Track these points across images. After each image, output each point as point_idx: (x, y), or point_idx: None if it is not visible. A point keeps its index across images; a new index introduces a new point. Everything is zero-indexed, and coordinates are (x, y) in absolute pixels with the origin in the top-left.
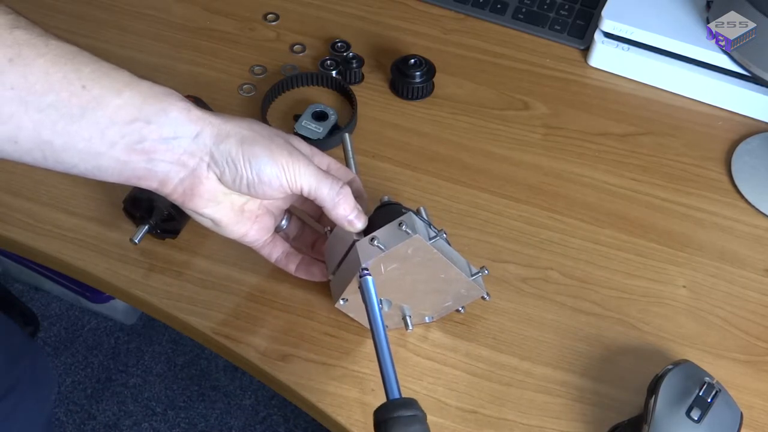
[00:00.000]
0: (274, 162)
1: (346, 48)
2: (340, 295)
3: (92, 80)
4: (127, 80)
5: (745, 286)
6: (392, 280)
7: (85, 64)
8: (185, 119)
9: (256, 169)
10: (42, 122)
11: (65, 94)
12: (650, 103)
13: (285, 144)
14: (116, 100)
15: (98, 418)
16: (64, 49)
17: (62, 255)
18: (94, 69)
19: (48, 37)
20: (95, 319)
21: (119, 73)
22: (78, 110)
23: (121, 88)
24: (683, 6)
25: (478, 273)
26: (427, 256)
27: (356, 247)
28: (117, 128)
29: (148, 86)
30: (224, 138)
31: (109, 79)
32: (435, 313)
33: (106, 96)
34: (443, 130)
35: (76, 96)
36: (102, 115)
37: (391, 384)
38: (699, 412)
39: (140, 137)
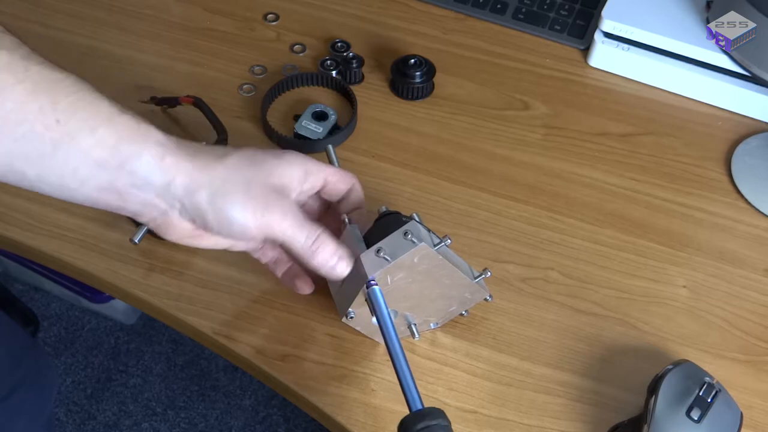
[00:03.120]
0: (244, 218)
1: (346, 48)
2: (347, 309)
3: (68, 113)
4: (104, 116)
5: (745, 286)
6: (398, 290)
7: (64, 94)
8: (157, 167)
9: (225, 225)
10: (14, 153)
11: (39, 126)
12: (650, 103)
13: (263, 194)
14: (89, 139)
15: (98, 418)
16: (44, 77)
17: (62, 255)
18: (73, 101)
19: (29, 62)
20: (95, 319)
21: (98, 106)
22: (50, 145)
23: (96, 126)
24: (683, 6)
25: (481, 275)
26: (433, 264)
27: (361, 259)
28: (88, 169)
29: (126, 124)
30: (195, 190)
31: (86, 113)
32: (440, 319)
33: (80, 133)
34: (443, 130)
35: (50, 130)
36: (74, 152)
37: (412, 394)
38: (699, 412)
39: (110, 180)
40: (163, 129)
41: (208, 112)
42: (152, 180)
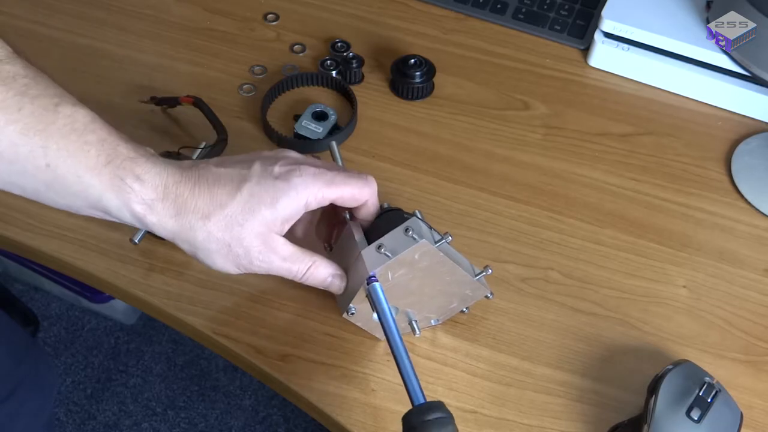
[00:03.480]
0: (226, 269)
1: (346, 48)
2: (348, 305)
3: (57, 158)
4: (92, 164)
5: (745, 286)
6: (399, 286)
7: (54, 138)
8: (139, 222)
9: (209, 266)
10: (12, 184)
11: (31, 167)
12: (650, 103)
13: (246, 249)
14: (77, 186)
15: (98, 418)
16: (36, 117)
17: (62, 255)
18: (62, 146)
19: (23, 98)
20: (95, 319)
21: (87, 153)
22: (44, 185)
23: (82, 173)
24: (683, 6)
25: (482, 273)
26: (434, 260)
27: (362, 255)
28: (80, 204)
29: (110, 177)
30: (178, 241)
31: (74, 161)
32: (441, 316)
33: (69, 178)
34: (443, 130)
35: (42, 172)
36: (65, 193)
37: (415, 389)
38: (699, 412)
39: (102, 215)
40: (162, 129)
41: (208, 112)
42: (139, 226)
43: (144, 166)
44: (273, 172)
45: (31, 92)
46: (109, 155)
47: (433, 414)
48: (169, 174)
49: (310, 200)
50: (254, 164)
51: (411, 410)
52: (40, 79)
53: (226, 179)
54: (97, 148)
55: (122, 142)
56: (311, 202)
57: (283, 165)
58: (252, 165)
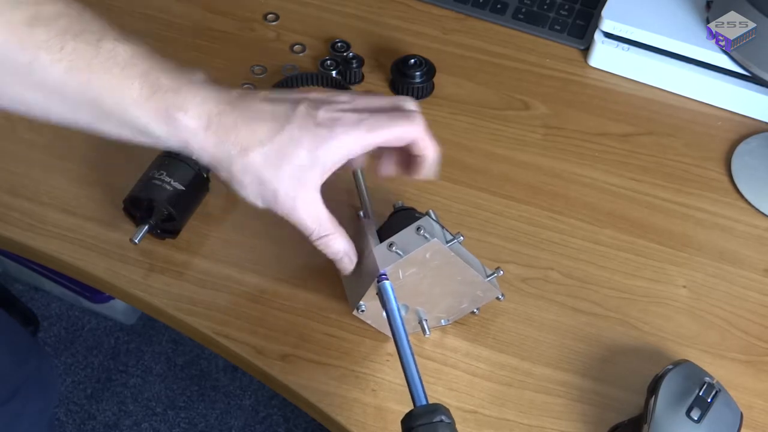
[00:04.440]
0: (255, 201)
1: (346, 48)
2: (357, 302)
3: (102, 93)
4: (135, 96)
5: (745, 286)
6: (410, 285)
7: (98, 73)
8: (183, 148)
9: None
10: (68, 120)
11: (80, 102)
12: (650, 103)
13: (274, 189)
14: (124, 117)
15: (98, 418)
16: (80, 54)
17: (62, 255)
18: (105, 81)
19: (65, 36)
20: (95, 319)
21: (129, 85)
22: (95, 118)
23: (127, 106)
24: (683, 6)
25: (493, 274)
26: (445, 260)
27: (374, 252)
28: (130, 133)
29: (156, 105)
30: (215, 168)
31: (119, 94)
32: (451, 316)
33: (114, 111)
34: (443, 130)
35: (90, 106)
36: (115, 124)
37: (417, 390)
38: (699, 412)
39: (153, 142)
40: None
41: None
42: (184, 152)
43: (187, 96)
44: (316, 118)
45: (73, 29)
46: (152, 87)
47: (433, 417)
48: (213, 104)
49: (352, 149)
50: (300, 106)
51: (412, 411)
52: (81, 15)
53: (268, 116)
54: (140, 81)
55: (165, 74)
56: (353, 151)
57: (327, 110)
58: (297, 106)
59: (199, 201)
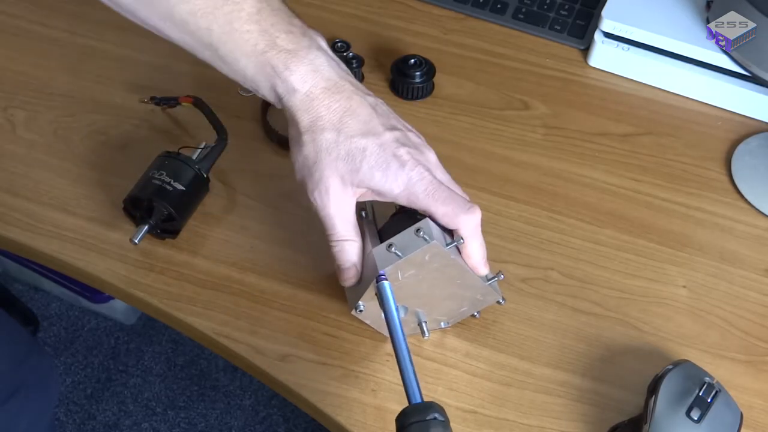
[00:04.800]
0: (297, 175)
1: (346, 48)
2: (356, 302)
3: (219, 41)
4: (249, 50)
5: (745, 286)
6: (409, 287)
7: (219, 22)
8: (277, 102)
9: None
10: (189, 49)
11: (198, 43)
12: (650, 103)
13: (324, 178)
14: (235, 65)
15: (98, 418)
16: (206, 1)
17: (62, 255)
18: (225, 31)
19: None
20: (95, 319)
21: (246, 40)
22: (210, 58)
23: (239, 57)
24: (683, 6)
25: (494, 278)
26: (444, 262)
27: (373, 253)
28: (239, 78)
29: (267, 62)
30: (290, 124)
31: (234, 45)
32: (450, 319)
33: (227, 58)
34: (443, 130)
35: (207, 48)
36: (227, 69)
37: (413, 388)
38: (699, 412)
39: (255, 90)
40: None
41: (208, 112)
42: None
43: (300, 61)
44: (398, 151)
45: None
46: (268, 44)
47: (426, 414)
48: (323, 77)
49: (402, 195)
50: (392, 132)
51: (405, 409)
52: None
53: (363, 119)
54: (257, 38)
55: (284, 34)
56: (401, 197)
57: (411, 153)
58: (392, 131)
59: (199, 201)
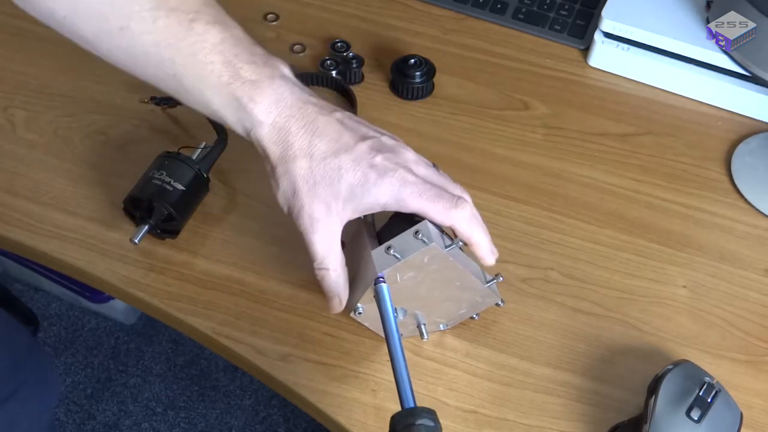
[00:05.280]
0: (280, 205)
1: (346, 48)
2: (355, 305)
3: (183, 72)
4: (214, 82)
5: (745, 286)
6: (407, 289)
7: (182, 54)
8: (245, 135)
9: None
10: (153, 81)
11: (162, 74)
12: (650, 103)
13: (302, 208)
14: (199, 98)
15: (98, 418)
16: (170, 31)
17: (62, 255)
18: (188, 63)
19: (159, 11)
20: (95, 319)
21: (210, 71)
22: (173, 90)
23: (204, 89)
24: (683, 6)
25: (493, 280)
26: (443, 265)
27: (372, 255)
28: (203, 111)
29: (231, 94)
30: (264, 159)
31: (197, 76)
32: (450, 321)
33: (191, 91)
34: (443, 130)
35: (170, 79)
36: (191, 100)
37: (406, 392)
38: (699, 412)
39: (221, 122)
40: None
41: None
42: (246, 137)
43: (264, 91)
44: (374, 160)
45: (169, 5)
46: (231, 76)
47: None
48: (287, 105)
49: (389, 203)
50: (365, 142)
51: (398, 413)
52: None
53: (332, 137)
54: (220, 69)
55: (247, 65)
56: (390, 205)
57: (387, 158)
58: (363, 141)
59: (199, 201)
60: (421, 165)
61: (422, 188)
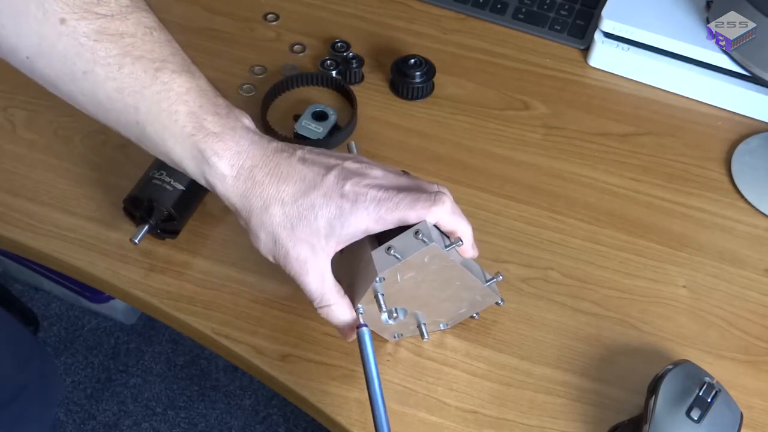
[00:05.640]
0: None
1: (346, 48)
2: (356, 305)
3: (146, 120)
4: (177, 132)
5: (745, 286)
6: (408, 289)
7: (146, 102)
8: (209, 188)
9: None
10: (114, 126)
11: (124, 120)
12: (650, 103)
13: (286, 253)
14: (161, 146)
15: (98, 418)
16: (134, 79)
17: (62, 255)
18: (152, 111)
19: (125, 58)
20: (95, 319)
21: (174, 120)
22: (135, 137)
23: (167, 138)
24: (683, 6)
25: (493, 279)
26: (444, 264)
27: (372, 256)
28: (165, 159)
29: (194, 145)
30: (236, 215)
31: (160, 126)
32: (450, 320)
33: (153, 139)
34: (443, 130)
35: (132, 126)
36: (152, 148)
37: (381, 424)
38: (699, 412)
39: (184, 172)
40: None
41: None
42: (210, 190)
43: (226, 144)
44: (343, 189)
45: (135, 53)
46: (195, 127)
47: None
48: (249, 156)
49: (370, 227)
50: (330, 173)
51: None
52: (148, 39)
53: (298, 177)
54: (184, 120)
55: (210, 116)
56: (372, 228)
57: (355, 184)
58: (328, 174)
59: (199, 201)
60: (390, 176)
61: (397, 200)
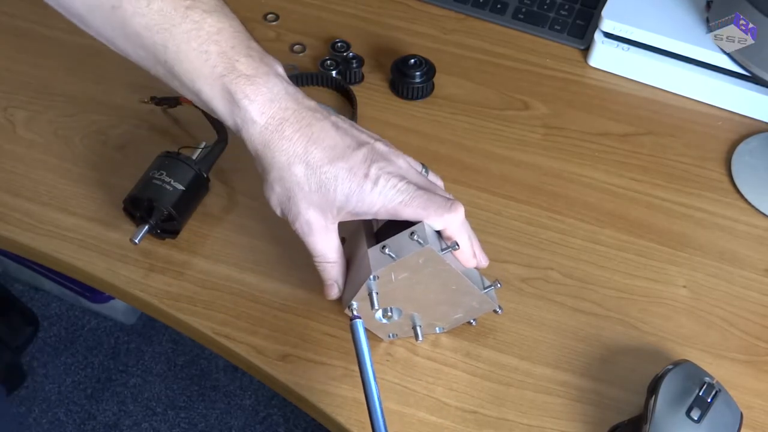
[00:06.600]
0: (274, 209)
1: (346, 48)
2: (350, 301)
3: (175, 60)
4: (207, 72)
5: (745, 286)
6: (403, 289)
7: (176, 41)
8: (235, 131)
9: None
10: (143, 64)
11: (152, 58)
12: (650, 103)
13: (298, 209)
14: (189, 86)
15: (98, 418)
16: (164, 16)
17: (62, 255)
18: (181, 50)
19: None
20: (95, 319)
21: (204, 60)
22: (163, 75)
23: (195, 79)
24: (683, 6)
25: (491, 286)
26: (439, 267)
27: (368, 254)
28: (193, 99)
29: (224, 86)
30: (255, 162)
31: (190, 65)
32: (446, 324)
33: (182, 79)
34: (443, 130)
35: (160, 65)
36: (180, 88)
37: (379, 428)
38: (699, 412)
39: (211, 113)
40: (162, 129)
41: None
42: (235, 133)
43: (259, 88)
44: (369, 170)
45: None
46: (226, 68)
47: None
48: (281, 106)
49: (382, 212)
50: (360, 150)
51: None
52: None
53: (328, 144)
54: (215, 60)
55: (243, 58)
56: (382, 214)
57: (380, 168)
58: (358, 150)
59: (199, 201)
60: (413, 172)
61: (413, 196)
